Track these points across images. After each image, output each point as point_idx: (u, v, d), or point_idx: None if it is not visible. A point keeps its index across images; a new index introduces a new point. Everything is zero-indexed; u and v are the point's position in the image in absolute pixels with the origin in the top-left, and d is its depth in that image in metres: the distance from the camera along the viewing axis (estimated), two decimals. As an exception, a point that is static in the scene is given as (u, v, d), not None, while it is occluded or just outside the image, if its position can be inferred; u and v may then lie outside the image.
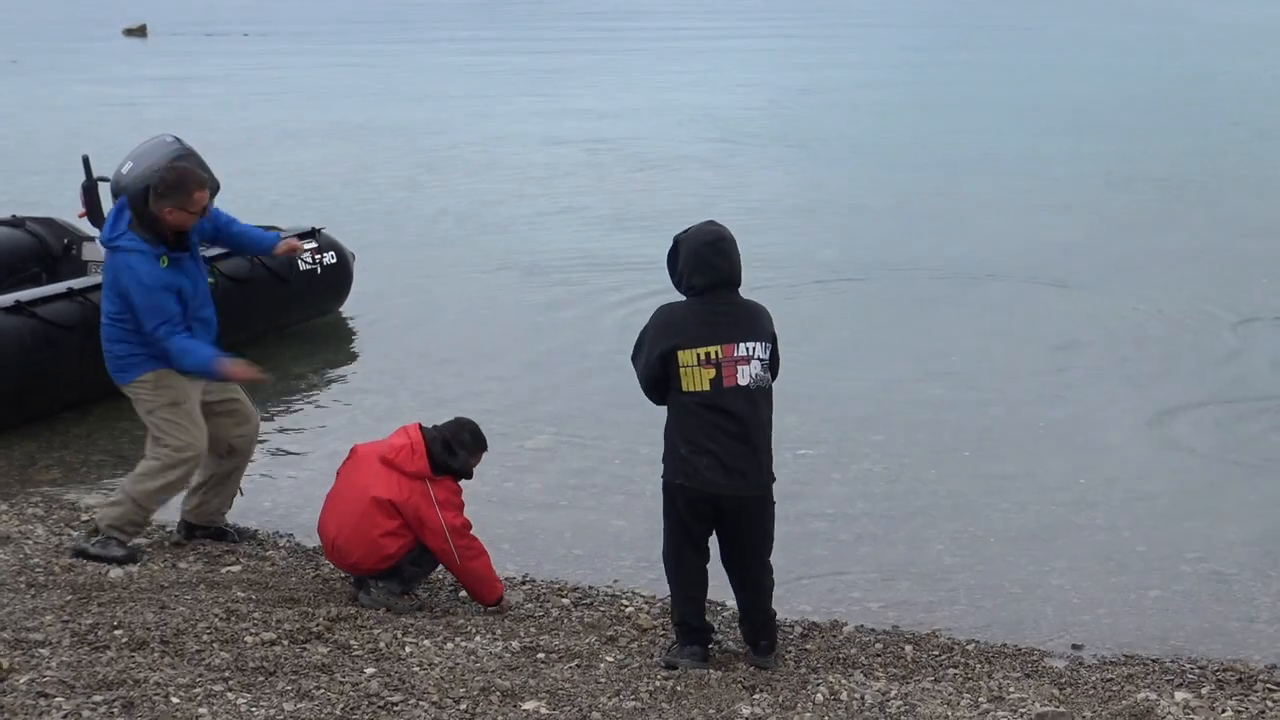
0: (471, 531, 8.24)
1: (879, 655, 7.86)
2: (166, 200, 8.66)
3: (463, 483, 8.36)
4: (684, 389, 7.32)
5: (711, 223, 7.55)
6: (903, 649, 7.96)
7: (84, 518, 9.64)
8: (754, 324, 7.43)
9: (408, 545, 8.17)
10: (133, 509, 8.83)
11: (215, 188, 9.25)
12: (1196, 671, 7.74)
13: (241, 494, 9.50)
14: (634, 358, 7.56)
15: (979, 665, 7.75)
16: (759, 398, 7.39)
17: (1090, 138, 28.30)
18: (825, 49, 47.52)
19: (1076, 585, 9.03)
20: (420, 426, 8.31)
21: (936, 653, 7.94)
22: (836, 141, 28.55)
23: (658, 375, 7.39)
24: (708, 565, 7.61)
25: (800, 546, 9.51)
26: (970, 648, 8.04)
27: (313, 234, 14.76)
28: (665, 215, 20.84)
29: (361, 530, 8.11)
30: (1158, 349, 14.19)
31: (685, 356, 7.29)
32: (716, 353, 7.30)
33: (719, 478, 7.30)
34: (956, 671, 7.64)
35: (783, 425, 11.50)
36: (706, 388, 7.30)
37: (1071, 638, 8.31)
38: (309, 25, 58.97)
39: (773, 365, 7.55)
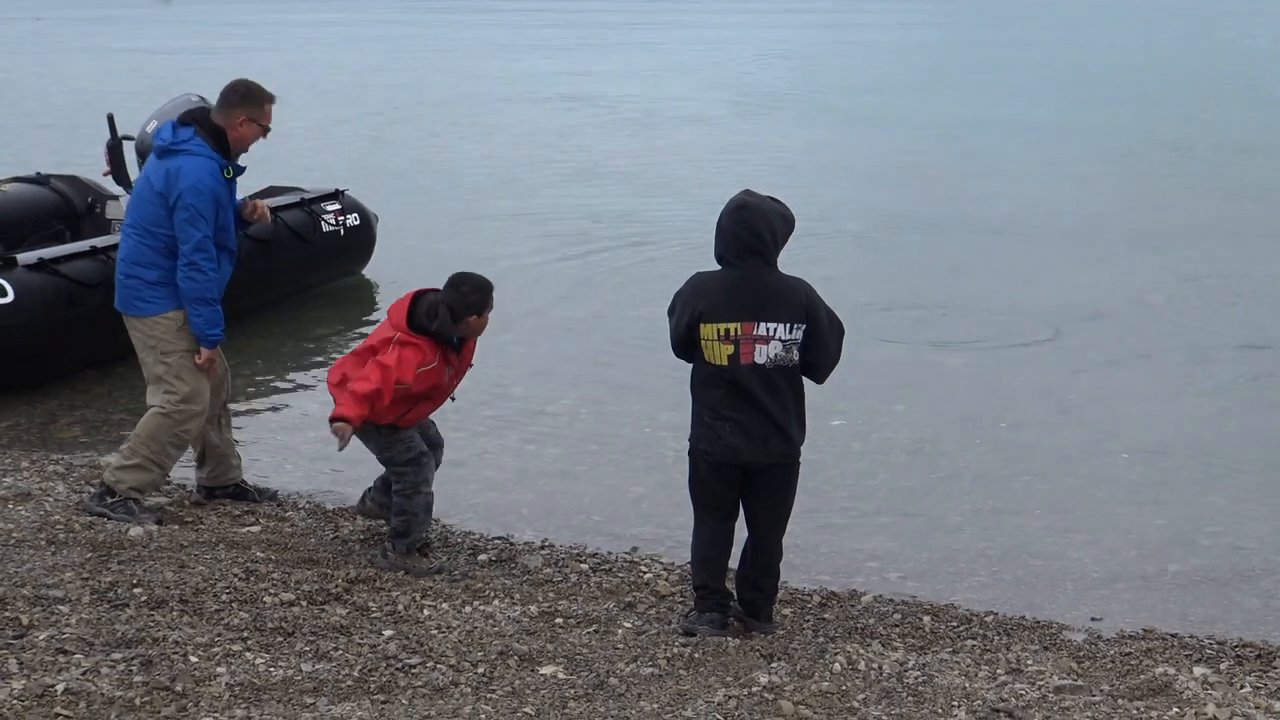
0: (378, 390, 7.97)
1: (897, 626, 7.85)
2: (240, 109, 8.61)
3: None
4: (705, 359, 7.30)
5: (743, 191, 7.44)
6: (921, 620, 7.95)
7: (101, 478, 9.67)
8: (781, 304, 7.28)
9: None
10: (152, 471, 8.83)
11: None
12: (1215, 647, 7.72)
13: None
14: (669, 313, 7.51)
15: (997, 637, 7.74)
16: (776, 376, 7.29)
17: (1116, 108, 28.20)
18: (855, 21, 47.35)
19: (1096, 558, 9.01)
20: (424, 290, 8.19)
21: (955, 624, 7.93)
22: (863, 108, 28.48)
23: (685, 340, 7.36)
24: (731, 532, 7.61)
25: (819, 516, 9.50)
26: (989, 619, 8.03)
27: (336, 195, 14.79)
28: (689, 178, 20.89)
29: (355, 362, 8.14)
30: (1182, 321, 14.15)
31: (706, 330, 7.25)
32: (736, 330, 7.23)
33: (740, 443, 7.29)
34: (975, 643, 7.63)
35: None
36: (724, 363, 7.25)
37: (1090, 611, 8.28)
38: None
39: (814, 345, 7.35)
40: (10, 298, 11.20)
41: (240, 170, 8.83)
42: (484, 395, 11.58)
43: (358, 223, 14.81)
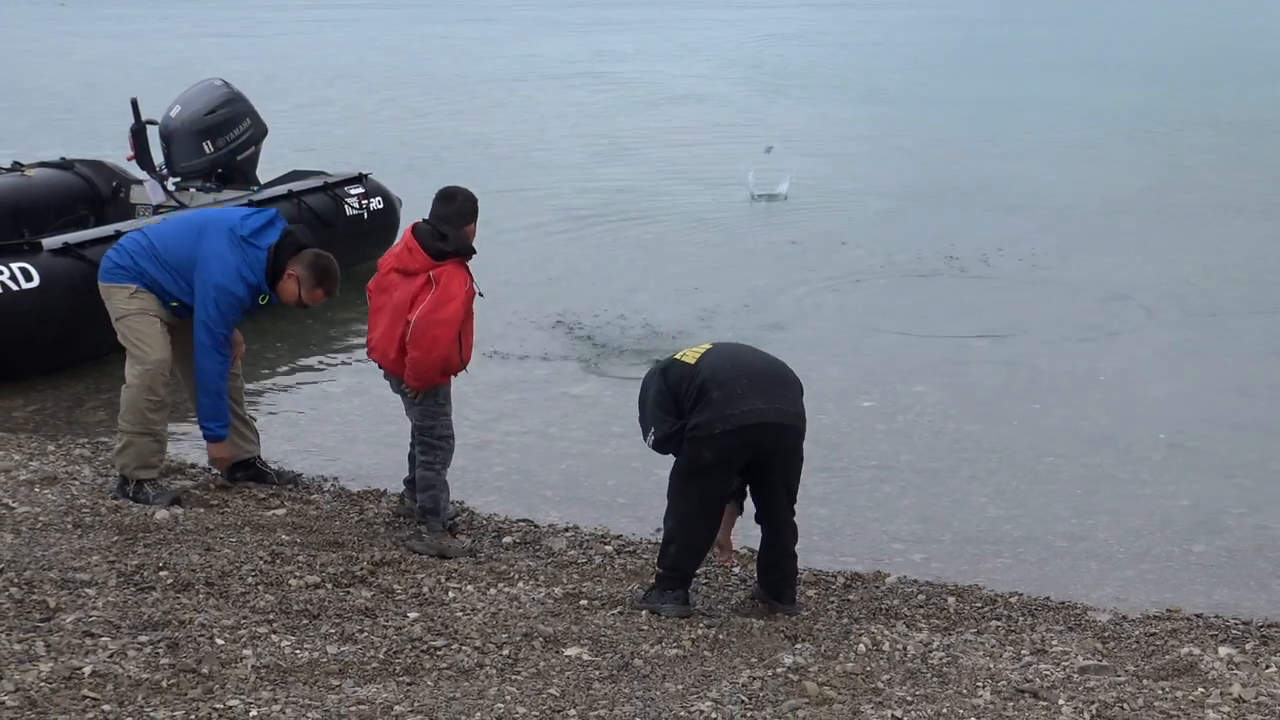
0: (454, 324, 8.10)
1: (921, 606, 7.85)
2: (298, 266, 8.74)
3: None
4: (692, 363, 7.43)
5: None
6: (945, 600, 7.95)
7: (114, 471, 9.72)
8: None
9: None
10: (142, 442, 8.84)
11: (264, 132, 9.29)
12: (1240, 627, 7.71)
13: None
14: (645, 431, 7.61)
15: (1022, 618, 7.74)
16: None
17: (1143, 88, 28.07)
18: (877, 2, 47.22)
19: (1120, 539, 8.99)
20: (413, 226, 8.28)
21: (979, 605, 7.93)
22: (886, 87, 28.40)
23: (666, 401, 7.44)
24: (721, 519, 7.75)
25: (844, 498, 9.51)
26: (1013, 600, 8.03)
27: (360, 179, 14.79)
28: (713, 158, 20.84)
29: (399, 327, 8.14)
30: (1205, 302, 14.09)
31: (679, 354, 7.57)
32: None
33: (760, 402, 7.34)
34: (999, 624, 7.63)
35: (826, 376, 11.57)
36: (709, 346, 7.58)
37: (1115, 592, 8.28)
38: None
39: None
40: (36, 282, 11.25)
41: (274, 300, 8.88)
42: (507, 378, 11.61)
43: (381, 206, 14.82)
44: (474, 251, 8.26)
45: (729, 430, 7.29)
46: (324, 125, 23.46)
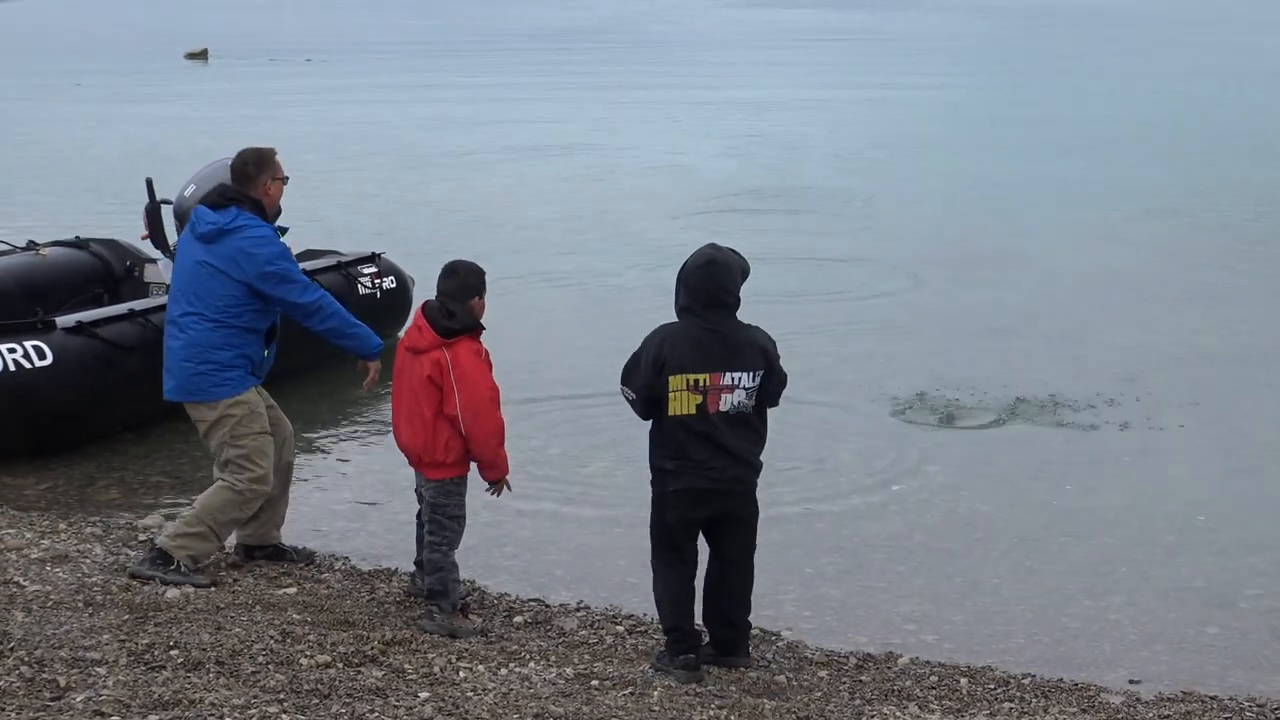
0: (496, 399, 8.20)
1: (934, 688, 7.82)
2: (264, 174, 8.81)
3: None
4: (670, 412, 7.52)
5: (709, 245, 7.78)
6: (958, 682, 7.92)
7: (141, 537, 9.70)
8: (745, 354, 7.60)
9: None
10: (215, 544, 8.96)
11: (277, 212, 9.35)
12: (1255, 709, 7.67)
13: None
14: (626, 380, 7.71)
15: (1035, 700, 7.70)
16: (738, 421, 7.59)
17: (1150, 169, 28.12)
18: (861, 77, 47.39)
19: (1134, 620, 8.96)
20: (424, 304, 8.35)
21: (992, 686, 7.89)
22: (899, 164, 28.47)
23: (657, 395, 7.55)
24: (694, 576, 7.81)
25: (856, 578, 9.50)
26: (1026, 682, 7.99)
27: (373, 259, 14.85)
28: (726, 237, 20.83)
29: (418, 414, 8.15)
30: (1220, 382, 14.06)
31: (675, 381, 7.51)
32: (705, 380, 7.51)
33: (701, 481, 7.53)
34: (1012, 705, 7.59)
35: (838, 457, 11.56)
36: (692, 412, 7.52)
37: (1129, 673, 8.24)
38: (372, 51, 59.29)
39: (770, 389, 7.69)
40: (49, 360, 11.28)
41: (285, 230, 9.01)
42: (519, 457, 11.58)
43: (394, 285, 14.87)
44: (483, 328, 8.29)
45: (680, 494, 7.57)
46: (337, 203, 23.52)
